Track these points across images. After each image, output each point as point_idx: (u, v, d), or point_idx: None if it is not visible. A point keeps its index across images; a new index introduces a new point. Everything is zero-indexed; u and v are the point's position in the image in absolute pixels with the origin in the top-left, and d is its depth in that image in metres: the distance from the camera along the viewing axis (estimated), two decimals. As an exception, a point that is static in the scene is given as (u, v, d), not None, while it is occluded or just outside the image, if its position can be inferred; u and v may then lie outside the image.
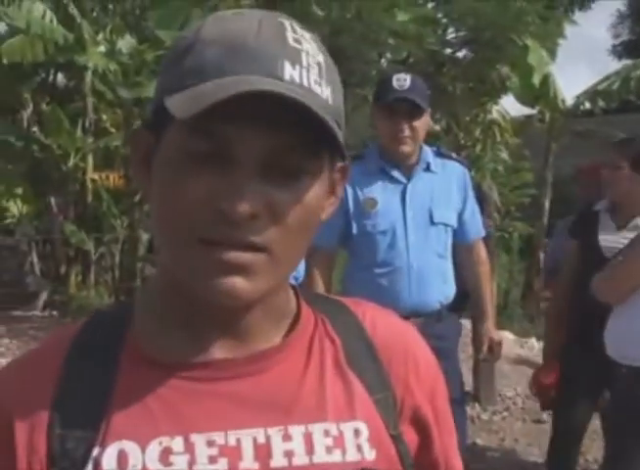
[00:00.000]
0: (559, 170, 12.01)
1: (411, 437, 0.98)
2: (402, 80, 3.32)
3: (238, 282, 0.82)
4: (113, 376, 0.89)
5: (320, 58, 0.85)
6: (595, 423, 4.18)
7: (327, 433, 0.90)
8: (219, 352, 0.91)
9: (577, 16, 11.11)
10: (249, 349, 0.92)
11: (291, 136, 0.80)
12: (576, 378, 3.81)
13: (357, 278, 3.40)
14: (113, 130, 11.87)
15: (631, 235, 3.59)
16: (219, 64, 0.81)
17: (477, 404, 6.03)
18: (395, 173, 3.40)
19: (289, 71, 0.81)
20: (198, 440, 0.87)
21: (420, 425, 1.00)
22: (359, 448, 0.91)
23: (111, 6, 11.67)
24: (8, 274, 11.73)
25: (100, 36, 10.50)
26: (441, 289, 3.43)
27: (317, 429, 0.90)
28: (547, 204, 11.45)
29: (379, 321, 1.01)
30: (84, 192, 11.48)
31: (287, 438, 0.89)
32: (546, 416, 5.33)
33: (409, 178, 3.42)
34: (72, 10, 10.22)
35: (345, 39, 8.92)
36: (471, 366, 6.00)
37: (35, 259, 12.18)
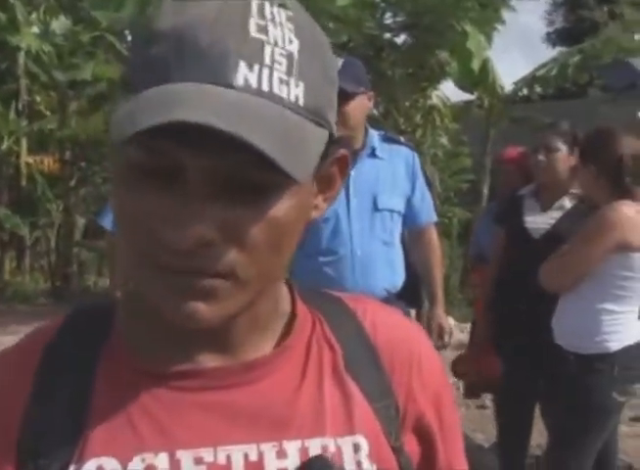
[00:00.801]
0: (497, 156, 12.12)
1: (413, 447, 0.92)
2: None
3: (200, 307, 0.74)
4: (91, 386, 0.82)
5: (293, 46, 0.74)
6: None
7: (325, 449, 0.83)
8: (209, 360, 0.84)
9: (512, 2, 11.20)
10: (241, 356, 0.84)
11: (240, 154, 0.68)
12: (516, 364, 3.83)
13: (302, 266, 3.33)
14: (47, 113, 11.63)
15: (557, 215, 3.67)
16: (166, 64, 0.71)
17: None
18: (339, 160, 3.35)
19: (243, 75, 0.71)
20: (184, 456, 0.80)
21: (423, 434, 0.94)
22: (359, 465, 0.84)
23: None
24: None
25: (33, 16, 10.24)
26: (387, 276, 3.39)
27: (314, 445, 0.83)
28: (485, 189, 11.54)
29: (380, 321, 0.94)
30: (18, 176, 11.23)
31: (281, 454, 0.82)
32: (489, 402, 5.36)
33: (353, 164, 3.37)
34: (5, -11, 9.96)
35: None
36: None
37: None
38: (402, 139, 3.86)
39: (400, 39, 11.30)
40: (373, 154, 3.41)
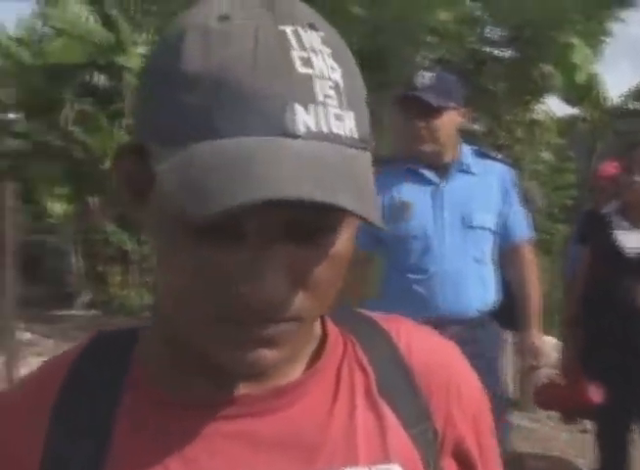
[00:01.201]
0: (603, 171, 11.81)
1: None
2: (424, 77, 3.16)
3: (265, 354, 0.71)
4: (114, 418, 0.78)
5: (337, 73, 0.68)
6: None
7: None
8: (240, 387, 0.79)
9: (622, 14, 10.93)
10: (272, 382, 0.80)
11: (311, 208, 0.63)
12: (605, 382, 3.71)
13: (393, 283, 3.28)
14: (152, 131, 11.92)
15: None
16: (208, 114, 0.65)
17: (519, 413, 5.89)
18: (429, 175, 3.26)
19: (302, 120, 0.65)
20: None
21: (463, 459, 0.88)
22: None
23: (152, 7, 11.71)
24: (49, 274, 11.84)
25: (139, 37, 10.53)
26: (480, 295, 3.28)
27: None
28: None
29: (415, 342, 0.89)
30: (124, 193, 11.52)
31: None
32: (591, 426, 5.22)
33: (445, 180, 3.29)
34: (113, 11, 10.27)
35: (384, 38, 8.83)
36: (512, 373, 5.87)
37: (76, 259, 12.26)
38: (497, 154, 3.74)
39: (502, 53, 11.15)
40: (465, 169, 3.33)
